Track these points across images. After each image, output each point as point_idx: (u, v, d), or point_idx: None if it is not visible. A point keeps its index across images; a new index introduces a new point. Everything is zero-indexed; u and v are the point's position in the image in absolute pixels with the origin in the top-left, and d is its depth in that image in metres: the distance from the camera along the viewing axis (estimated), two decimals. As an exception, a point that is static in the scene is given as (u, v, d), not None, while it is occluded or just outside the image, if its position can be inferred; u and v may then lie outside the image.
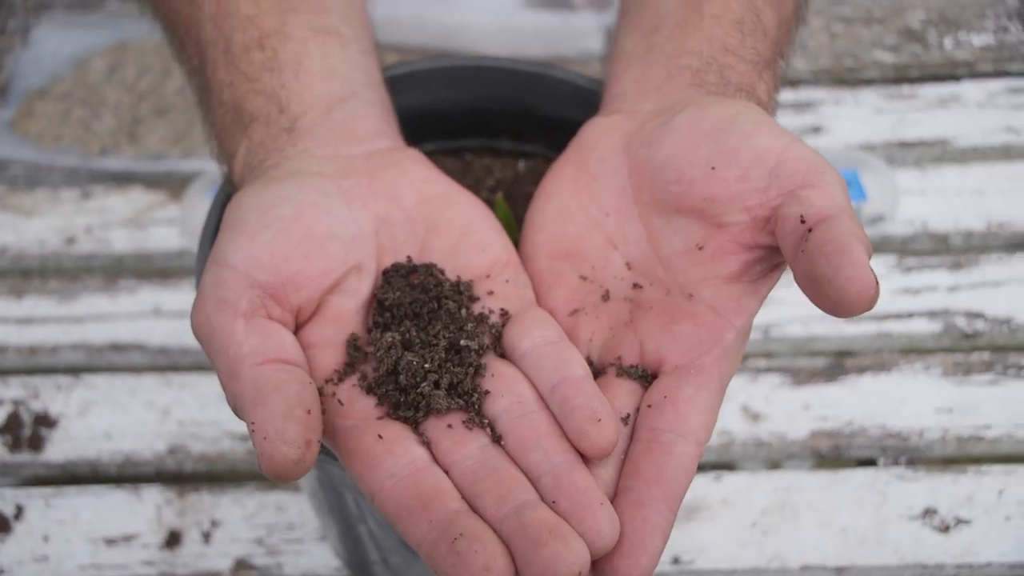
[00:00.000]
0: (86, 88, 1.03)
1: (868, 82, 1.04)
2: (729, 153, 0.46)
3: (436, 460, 0.44)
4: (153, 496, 0.79)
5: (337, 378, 0.47)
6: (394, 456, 0.43)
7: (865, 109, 1.01)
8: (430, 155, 0.70)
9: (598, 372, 0.48)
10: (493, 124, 0.69)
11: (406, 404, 0.45)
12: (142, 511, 0.79)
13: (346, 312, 0.48)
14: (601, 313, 0.50)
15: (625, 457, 0.44)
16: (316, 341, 0.47)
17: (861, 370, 0.85)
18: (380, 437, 0.43)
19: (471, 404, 0.45)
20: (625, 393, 0.46)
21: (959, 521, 0.77)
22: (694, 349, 0.46)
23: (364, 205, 0.50)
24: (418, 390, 0.45)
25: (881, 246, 0.92)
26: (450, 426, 0.45)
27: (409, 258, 0.50)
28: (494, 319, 0.49)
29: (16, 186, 0.98)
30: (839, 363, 0.85)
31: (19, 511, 0.79)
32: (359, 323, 0.49)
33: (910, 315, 0.88)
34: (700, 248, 0.47)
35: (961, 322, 0.87)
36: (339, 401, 0.46)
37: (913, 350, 0.87)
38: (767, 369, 0.85)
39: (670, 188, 0.48)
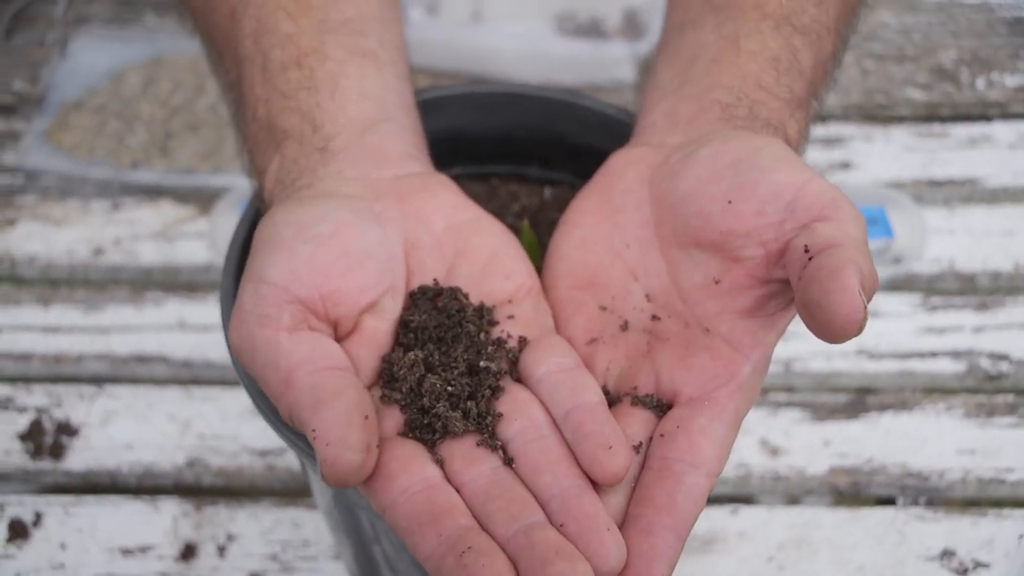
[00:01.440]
0: (121, 101, 1.04)
1: (899, 119, 1.04)
2: (748, 187, 0.46)
3: (448, 479, 0.44)
4: (170, 508, 0.80)
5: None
6: (408, 473, 0.43)
7: (895, 146, 1.01)
8: (457, 179, 0.70)
9: (614, 401, 0.48)
10: (521, 150, 0.70)
11: (424, 424, 0.46)
12: (159, 522, 0.79)
13: (380, 332, 0.49)
14: (619, 343, 0.50)
15: (636, 485, 0.44)
16: (353, 359, 0.47)
17: (883, 408, 0.84)
18: (395, 454, 0.44)
19: (485, 426, 0.46)
20: (639, 422, 0.47)
21: (978, 564, 0.76)
22: (710, 382, 0.46)
23: (395, 228, 0.51)
24: (434, 411, 0.46)
25: (907, 284, 0.92)
26: (464, 447, 0.45)
27: (436, 281, 0.51)
28: (512, 344, 0.49)
29: (48, 196, 0.99)
30: (860, 400, 0.85)
31: (38, 518, 0.79)
32: (389, 344, 0.49)
33: (934, 354, 0.87)
34: (717, 282, 0.47)
35: (985, 363, 0.87)
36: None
37: (936, 390, 0.86)
38: (787, 403, 0.84)
39: (690, 221, 0.48)
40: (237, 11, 0.57)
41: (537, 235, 0.65)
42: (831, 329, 0.40)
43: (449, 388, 0.47)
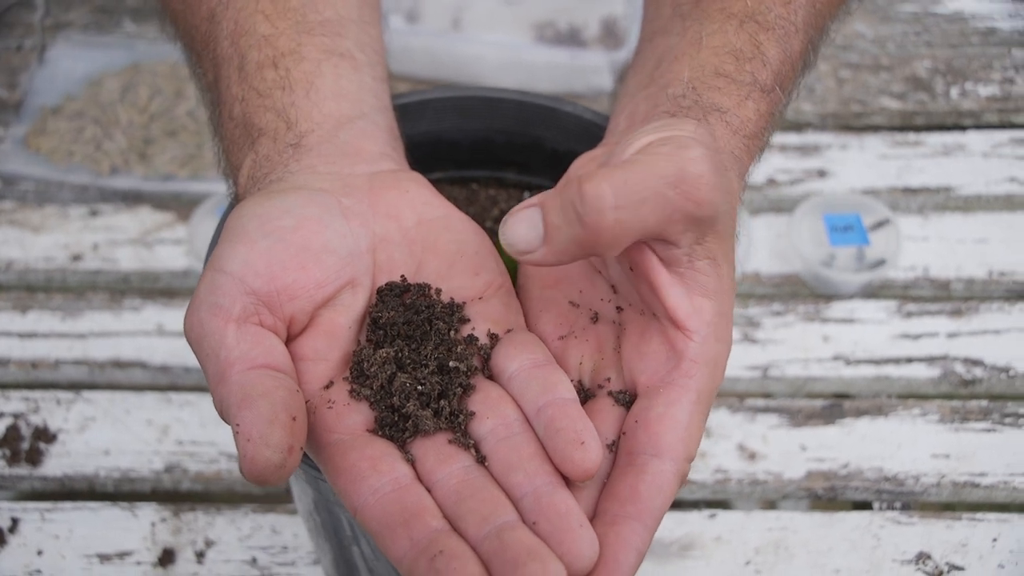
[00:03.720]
0: (99, 107, 1.04)
1: (874, 128, 1.05)
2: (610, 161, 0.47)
3: (420, 478, 0.44)
4: (148, 514, 0.79)
5: (327, 391, 0.47)
6: (378, 472, 0.43)
7: (870, 154, 1.02)
8: (437, 183, 0.70)
9: (588, 396, 0.49)
10: (500, 155, 0.70)
11: (394, 423, 0.46)
12: (137, 528, 0.79)
13: (339, 327, 0.49)
14: (590, 336, 0.50)
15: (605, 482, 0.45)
16: (308, 354, 0.48)
17: (859, 413, 0.85)
18: (365, 453, 0.44)
19: (457, 425, 0.46)
20: (611, 419, 0.47)
21: (952, 567, 0.77)
22: (661, 366, 0.46)
23: (363, 223, 0.51)
24: (404, 410, 0.46)
25: (882, 291, 0.93)
26: (435, 446, 0.45)
27: (403, 277, 0.51)
28: (483, 341, 0.49)
29: (26, 202, 0.99)
30: (837, 405, 0.85)
31: (14, 524, 0.79)
32: (351, 338, 0.49)
33: (909, 360, 0.88)
34: (631, 269, 0.48)
35: (960, 369, 0.87)
36: (328, 413, 0.46)
37: (911, 395, 0.87)
38: (765, 409, 0.85)
39: None
40: (216, 13, 0.57)
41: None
42: None
43: (419, 387, 0.47)
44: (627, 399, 0.48)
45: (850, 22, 1.12)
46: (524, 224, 0.44)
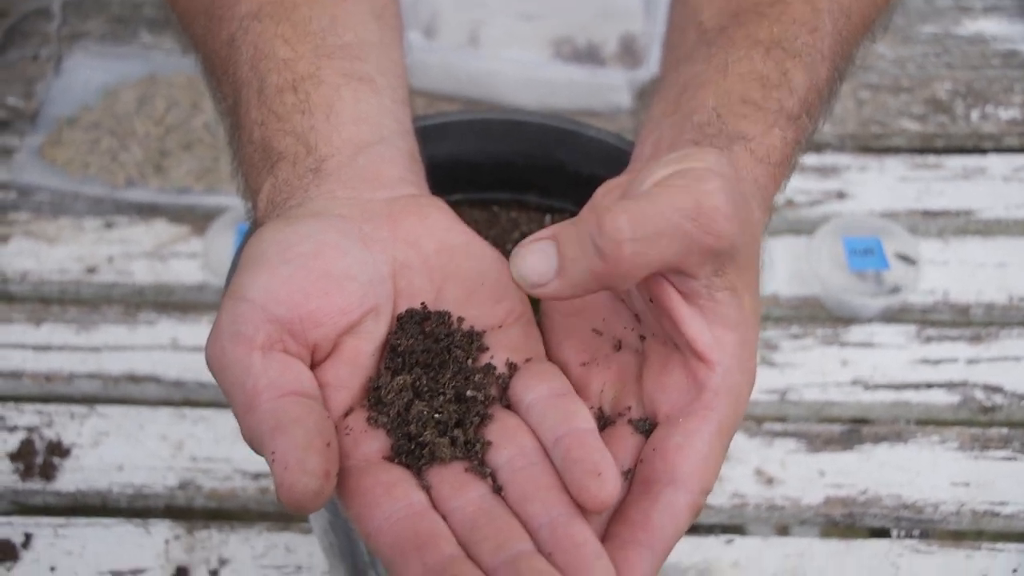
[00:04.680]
0: (115, 119, 1.03)
1: (894, 150, 1.04)
2: (630, 191, 0.46)
3: (435, 506, 0.44)
4: (162, 531, 0.79)
5: (346, 419, 0.47)
6: (393, 498, 0.43)
7: (889, 177, 1.01)
8: (458, 205, 0.70)
9: (608, 423, 0.48)
10: (522, 178, 0.70)
11: (410, 450, 0.45)
12: (150, 545, 0.78)
13: (362, 354, 0.48)
14: (612, 364, 0.50)
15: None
16: (331, 381, 0.47)
17: (877, 439, 0.84)
18: (380, 479, 0.44)
19: (474, 454, 0.45)
20: (629, 447, 0.46)
21: (972, 598, 0.76)
22: (683, 397, 0.46)
23: (383, 249, 0.50)
24: (421, 438, 0.45)
25: (901, 315, 0.92)
26: (452, 474, 0.45)
27: (424, 305, 0.51)
28: (502, 370, 0.49)
29: (41, 213, 0.99)
30: (855, 430, 0.85)
31: (27, 539, 0.78)
32: (373, 366, 0.49)
33: (928, 386, 0.87)
34: (651, 301, 0.47)
35: (980, 395, 0.87)
36: (346, 440, 0.46)
37: (930, 421, 0.86)
38: (783, 433, 0.84)
39: None
40: (236, 38, 0.57)
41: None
42: None
43: (436, 415, 0.46)
44: (646, 427, 0.47)
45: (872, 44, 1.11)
46: (536, 256, 0.43)
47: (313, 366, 0.47)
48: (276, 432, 0.42)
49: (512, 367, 0.49)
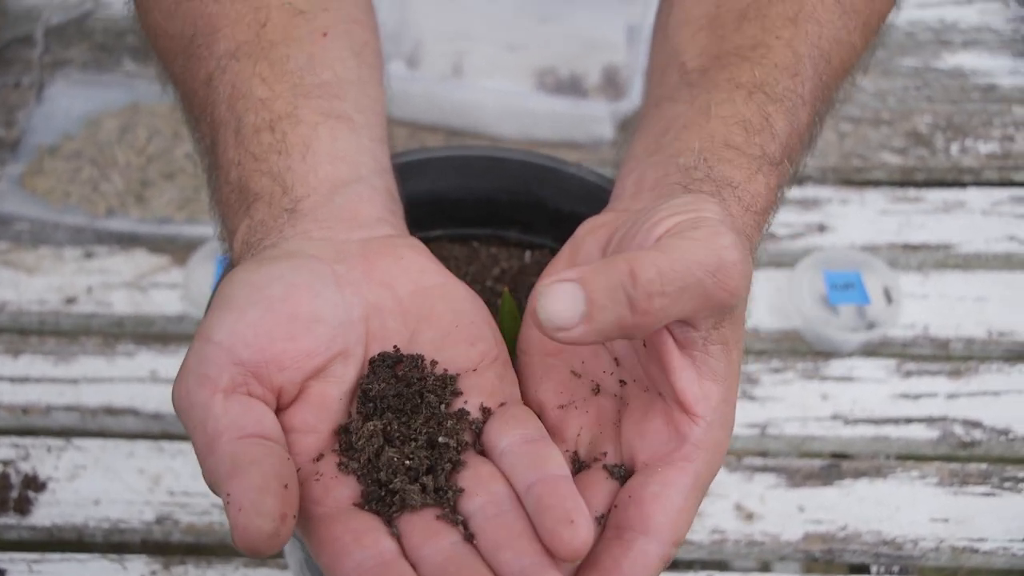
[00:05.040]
0: (96, 147, 1.03)
1: (875, 183, 1.05)
2: (632, 236, 0.47)
3: (406, 554, 0.43)
4: (138, 567, 0.78)
5: (316, 464, 0.46)
6: (362, 547, 0.43)
7: (870, 210, 1.01)
8: (437, 241, 0.70)
9: (582, 467, 0.48)
10: (502, 214, 0.70)
11: (380, 497, 0.45)
12: (126, 581, 0.78)
13: (330, 399, 0.48)
14: (590, 408, 0.50)
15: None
16: (298, 425, 0.47)
17: (857, 474, 0.84)
18: (350, 526, 0.43)
19: (446, 501, 0.45)
20: (603, 493, 0.46)
21: (951, 635, 0.76)
22: (663, 447, 0.46)
23: (356, 291, 0.50)
24: (392, 485, 0.45)
25: (881, 349, 0.92)
26: (423, 521, 0.44)
27: (396, 348, 0.50)
28: (475, 415, 0.49)
29: (20, 242, 0.98)
30: (835, 465, 0.85)
31: (1, 575, 0.77)
32: (342, 410, 0.48)
33: (908, 420, 0.88)
34: (644, 345, 0.47)
35: (959, 430, 0.87)
36: (316, 486, 0.45)
37: (910, 456, 0.86)
38: (763, 468, 0.84)
39: None
40: (213, 77, 0.57)
41: (517, 299, 0.65)
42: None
43: (407, 462, 0.46)
44: (622, 473, 0.47)
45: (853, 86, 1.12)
46: (565, 300, 0.42)
47: (280, 410, 0.47)
48: (232, 473, 0.42)
49: (486, 412, 0.49)
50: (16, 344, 0.91)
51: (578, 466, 0.48)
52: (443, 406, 0.48)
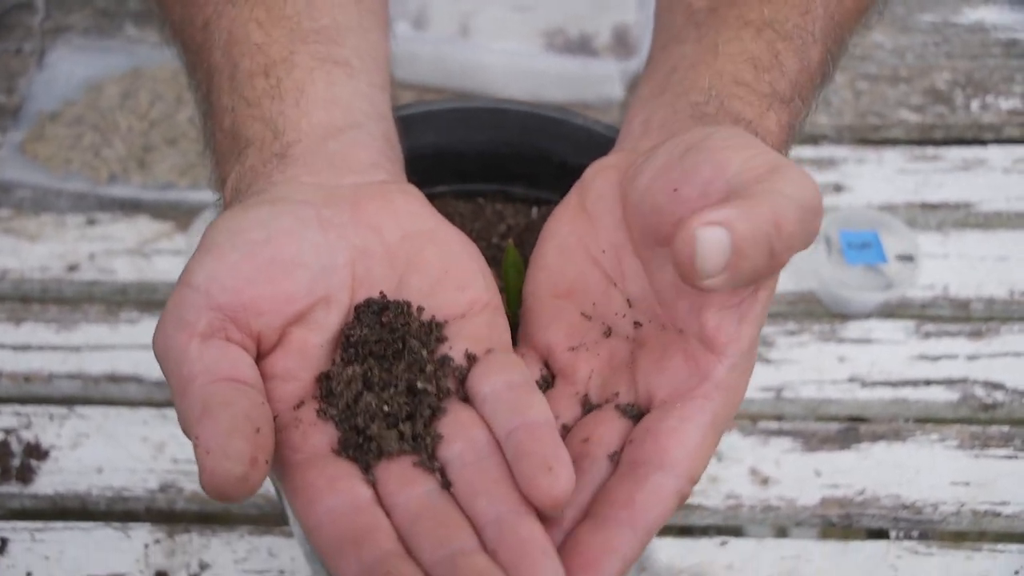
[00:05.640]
0: (98, 113, 1.02)
1: (892, 142, 1.02)
2: (692, 171, 0.44)
3: (381, 502, 0.42)
4: (142, 535, 0.77)
5: (297, 411, 0.45)
6: (336, 492, 0.41)
7: (888, 169, 0.99)
8: (442, 197, 0.68)
9: (592, 408, 0.47)
10: (508, 169, 0.68)
11: (358, 444, 0.44)
12: (130, 550, 0.76)
13: (311, 345, 0.46)
14: (602, 350, 0.48)
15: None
16: (278, 372, 0.45)
17: (875, 437, 0.82)
18: (325, 472, 0.42)
19: (423, 447, 0.44)
20: (616, 430, 0.45)
21: (973, 600, 0.74)
22: (682, 384, 0.44)
23: (341, 235, 0.48)
24: (369, 431, 0.44)
25: (899, 311, 0.90)
26: (399, 469, 0.43)
27: (382, 294, 0.49)
28: (460, 361, 0.47)
29: (22, 210, 0.97)
30: (853, 429, 0.83)
31: (3, 544, 0.76)
32: (325, 357, 0.47)
33: (927, 383, 0.85)
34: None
35: (980, 392, 0.85)
36: (294, 433, 0.44)
37: (929, 419, 0.84)
38: (778, 432, 0.82)
39: (648, 219, 0.47)
40: (210, 23, 0.55)
41: (523, 255, 0.63)
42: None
43: (385, 408, 0.45)
44: (635, 413, 0.46)
45: (868, 33, 1.09)
46: (717, 246, 0.39)
47: (260, 357, 0.45)
48: (203, 416, 0.40)
49: (471, 358, 0.47)
50: (18, 312, 0.90)
51: (587, 408, 0.47)
52: (425, 352, 0.47)
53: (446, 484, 0.42)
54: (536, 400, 0.44)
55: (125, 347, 0.88)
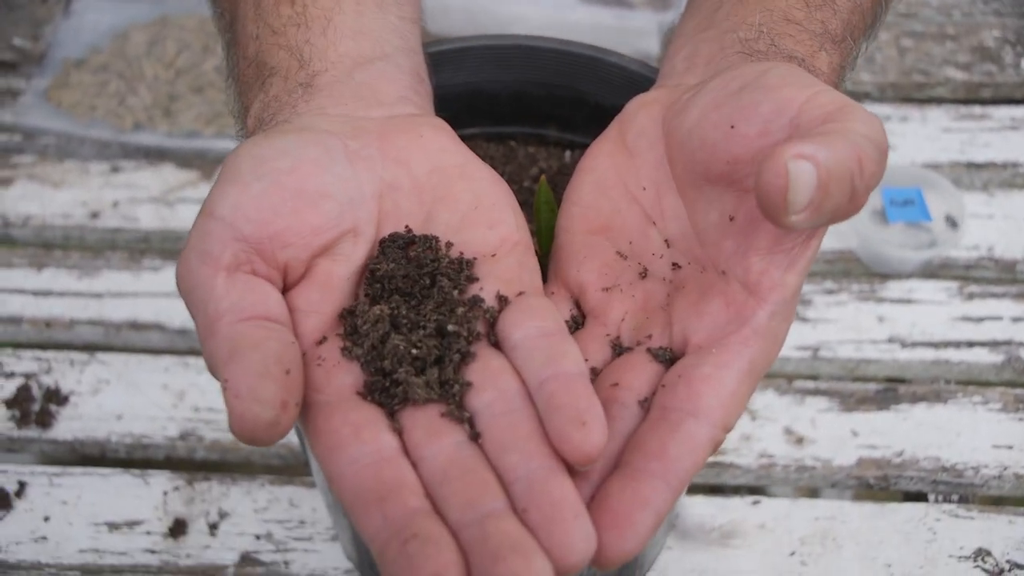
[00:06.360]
0: (124, 61, 1.00)
1: (937, 100, 0.99)
2: (750, 108, 0.43)
3: (407, 452, 0.40)
4: (161, 482, 0.76)
5: (319, 347, 0.43)
6: (360, 441, 0.39)
7: (932, 127, 0.96)
8: (473, 139, 0.66)
9: (623, 351, 0.45)
10: (541, 110, 0.66)
11: (384, 388, 0.42)
12: (148, 497, 0.75)
13: (336, 278, 0.45)
14: (637, 292, 0.47)
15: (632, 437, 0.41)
16: (301, 305, 0.44)
17: (915, 399, 0.80)
18: (349, 418, 0.40)
19: (452, 396, 0.42)
20: (647, 375, 0.43)
21: (1014, 566, 0.71)
22: (720, 329, 0.43)
23: (369, 167, 0.47)
24: (395, 376, 0.42)
25: (942, 271, 0.87)
26: (427, 417, 0.41)
27: (408, 228, 0.47)
28: (490, 303, 0.45)
29: (46, 156, 0.95)
30: (891, 389, 0.80)
31: (21, 488, 0.75)
32: (349, 291, 0.45)
33: (970, 344, 0.83)
34: (732, 219, 0.44)
35: (1025, 355, 0.82)
36: (317, 371, 0.42)
37: (972, 381, 0.82)
38: (814, 391, 0.80)
39: (696, 155, 0.45)
40: None
41: (556, 199, 0.61)
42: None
43: (414, 351, 0.42)
44: (667, 357, 0.44)
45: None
46: (807, 181, 0.37)
47: (286, 289, 0.44)
48: (231, 358, 0.39)
49: (503, 300, 0.45)
50: (40, 258, 0.89)
51: (618, 351, 0.45)
52: (456, 292, 0.45)
53: (474, 435, 0.41)
54: (570, 349, 0.42)
55: (147, 295, 0.86)
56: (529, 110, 0.66)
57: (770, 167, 0.38)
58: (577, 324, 0.48)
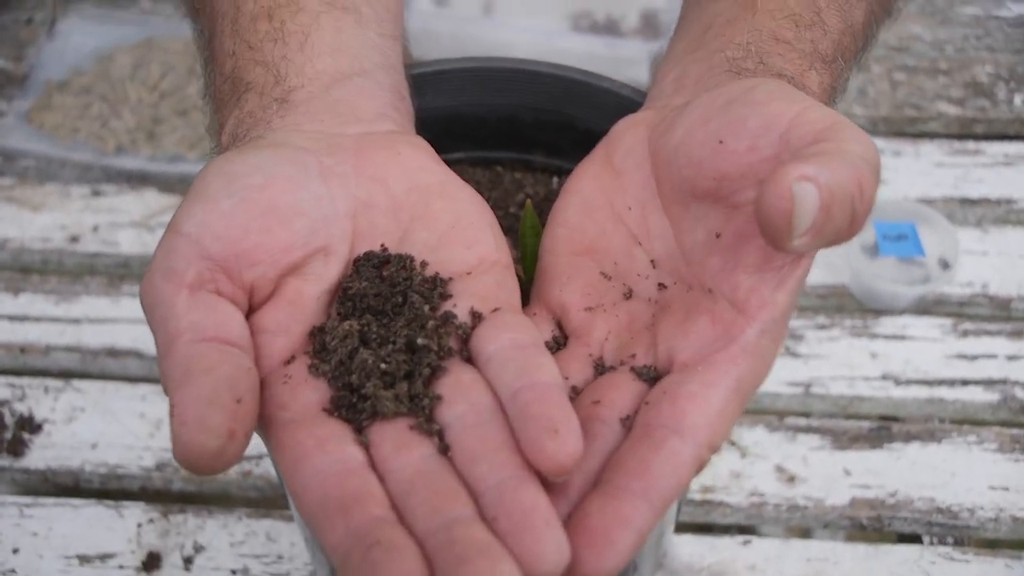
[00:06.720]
0: (108, 83, 0.98)
1: (930, 135, 0.98)
2: (737, 123, 0.42)
3: (375, 466, 0.39)
4: (135, 514, 0.73)
5: (287, 367, 0.42)
6: (325, 453, 0.38)
7: (925, 162, 0.95)
8: (458, 164, 0.64)
9: (607, 370, 0.44)
10: (528, 135, 0.64)
11: (351, 404, 0.41)
12: (122, 529, 0.73)
13: (306, 297, 0.43)
14: (621, 312, 0.45)
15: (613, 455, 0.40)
16: (268, 326, 0.42)
17: (909, 437, 0.78)
18: (314, 432, 0.39)
19: (421, 409, 0.40)
20: (629, 393, 0.42)
21: (1010, 610, 0.70)
22: (707, 347, 0.41)
23: (343, 184, 0.45)
24: (364, 390, 0.40)
25: (936, 308, 0.86)
26: (395, 431, 0.40)
27: (384, 247, 0.46)
28: (464, 319, 0.44)
29: (26, 179, 0.94)
30: (885, 428, 0.78)
31: (-11, 519, 0.73)
32: (321, 311, 0.44)
33: (964, 383, 0.81)
34: (718, 236, 0.43)
35: (1021, 394, 0.80)
36: (283, 389, 0.41)
37: (967, 420, 0.80)
38: (806, 429, 0.78)
39: (683, 172, 0.44)
40: None
41: (543, 224, 0.59)
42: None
43: (383, 365, 0.41)
44: (651, 375, 0.42)
45: (906, 24, 1.05)
46: (810, 203, 0.36)
47: (252, 310, 0.42)
48: (183, 380, 0.37)
49: (477, 317, 0.44)
50: (16, 282, 0.87)
51: (600, 370, 0.44)
52: (427, 308, 0.43)
53: (444, 449, 0.39)
54: (545, 361, 0.40)
55: (126, 321, 0.84)
56: (515, 134, 0.64)
57: (773, 189, 0.36)
58: (559, 345, 0.46)
